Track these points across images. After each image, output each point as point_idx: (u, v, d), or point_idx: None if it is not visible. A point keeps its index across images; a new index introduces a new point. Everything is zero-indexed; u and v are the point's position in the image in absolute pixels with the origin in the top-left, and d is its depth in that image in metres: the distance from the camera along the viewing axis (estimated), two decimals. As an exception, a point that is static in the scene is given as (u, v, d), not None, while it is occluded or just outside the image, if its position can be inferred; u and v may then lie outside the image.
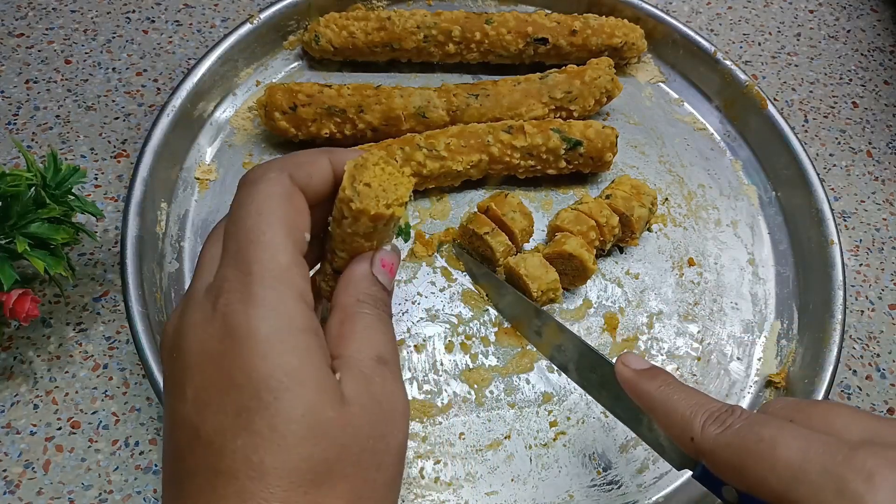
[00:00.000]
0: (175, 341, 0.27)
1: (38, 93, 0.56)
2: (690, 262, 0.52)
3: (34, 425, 0.43)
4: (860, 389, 0.50)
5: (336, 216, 0.30)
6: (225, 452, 0.25)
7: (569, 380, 0.46)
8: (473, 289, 0.49)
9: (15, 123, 0.54)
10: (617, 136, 0.51)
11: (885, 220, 0.58)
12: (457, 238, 0.50)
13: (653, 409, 0.33)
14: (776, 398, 0.35)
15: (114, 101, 0.56)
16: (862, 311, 0.53)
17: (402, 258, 0.49)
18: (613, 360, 0.37)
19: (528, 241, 0.49)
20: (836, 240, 0.51)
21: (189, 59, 0.59)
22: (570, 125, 0.51)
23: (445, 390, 0.45)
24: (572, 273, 0.48)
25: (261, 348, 0.25)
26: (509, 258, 0.47)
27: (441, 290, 0.49)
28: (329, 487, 0.25)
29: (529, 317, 0.46)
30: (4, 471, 0.42)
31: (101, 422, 0.43)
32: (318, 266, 0.33)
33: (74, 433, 0.43)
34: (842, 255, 0.50)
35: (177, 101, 0.50)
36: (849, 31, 0.69)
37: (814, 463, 0.26)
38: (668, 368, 0.48)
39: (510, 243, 0.48)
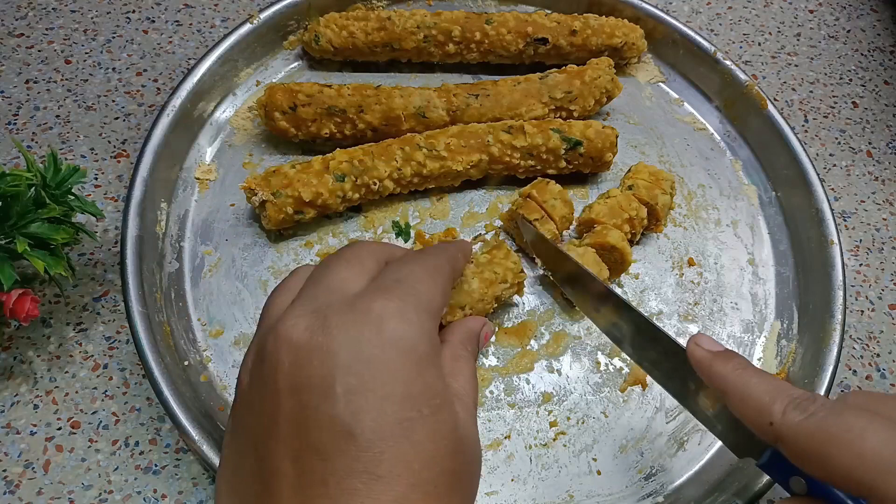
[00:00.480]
0: (323, 340, 0.27)
1: (38, 93, 0.56)
2: (690, 262, 0.52)
3: (34, 425, 0.43)
4: (860, 389, 0.50)
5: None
6: (384, 458, 0.26)
7: (569, 380, 0.46)
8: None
9: (15, 123, 0.54)
10: (617, 136, 0.51)
11: (885, 220, 0.58)
12: (503, 223, 0.51)
13: (727, 392, 0.33)
14: (854, 390, 0.34)
15: (114, 101, 0.56)
16: (862, 311, 0.53)
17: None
18: (675, 338, 0.37)
19: (567, 229, 0.49)
20: (836, 240, 0.51)
21: (189, 59, 0.59)
22: (570, 125, 0.51)
23: (445, 390, 0.45)
24: (609, 266, 0.48)
25: (421, 364, 0.28)
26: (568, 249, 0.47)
27: (441, 290, 0.49)
28: (454, 497, 0.28)
29: (590, 290, 0.43)
30: (4, 471, 0.42)
31: (101, 422, 0.43)
32: None
33: (74, 433, 0.43)
34: (842, 255, 0.50)
35: (177, 101, 0.50)
36: (849, 31, 0.69)
37: None
38: (668, 368, 0.48)
39: (556, 231, 0.48)
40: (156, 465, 0.42)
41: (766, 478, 0.42)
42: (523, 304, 0.49)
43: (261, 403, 0.28)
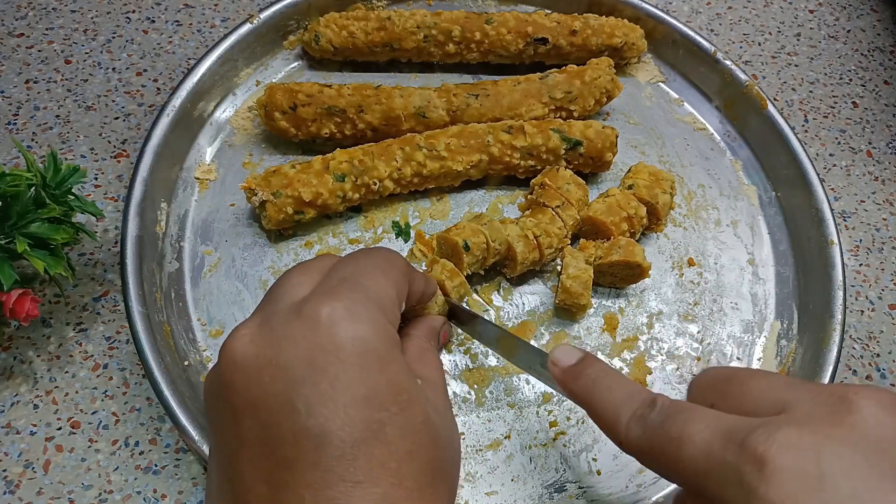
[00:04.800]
0: (271, 353, 0.27)
1: (38, 93, 0.56)
2: (690, 263, 0.52)
3: (34, 425, 0.43)
4: (713, 367, 0.50)
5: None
6: (358, 463, 0.25)
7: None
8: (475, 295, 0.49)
9: (15, 123, 0.54)
10: (617, 136, 0.51)
11: (885, 220, 0.58)
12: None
13: (587, 410, 0.32)
14: (704, 369, 0.32)
15: (114, 101, 0.56)
16: (862, 311, 0.53)
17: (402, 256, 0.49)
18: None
19: (582, 210, 0.49)
20: (836, 240, 0.51)
21: (189, 59, 0.59)
22: (570, 125, 0.51)
23: (445, 390, 0.45)
24: (626, 276, 0.48)
25: (381, 362, 0.27)
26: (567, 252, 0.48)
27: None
28: (438, 486, 0.27)
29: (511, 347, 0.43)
30: (4, 471, 0.42)
31: (101, 422, 0.43)
32: None
33: (74, 433, 0.43)
34: (842, 255, 0.50)
35: (177, 101, 0.50)
36: (849, 31, 0.69)
37: (716, 456, 0.24)
38: (668, 368, 0.48)
39: (577, 216, 0.49)
40: (156, 465, 0.42)
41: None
42: (523, 304, 0.49)
43: (223, 423, 0.27)
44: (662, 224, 0.52)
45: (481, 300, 0.49)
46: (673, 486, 0.44)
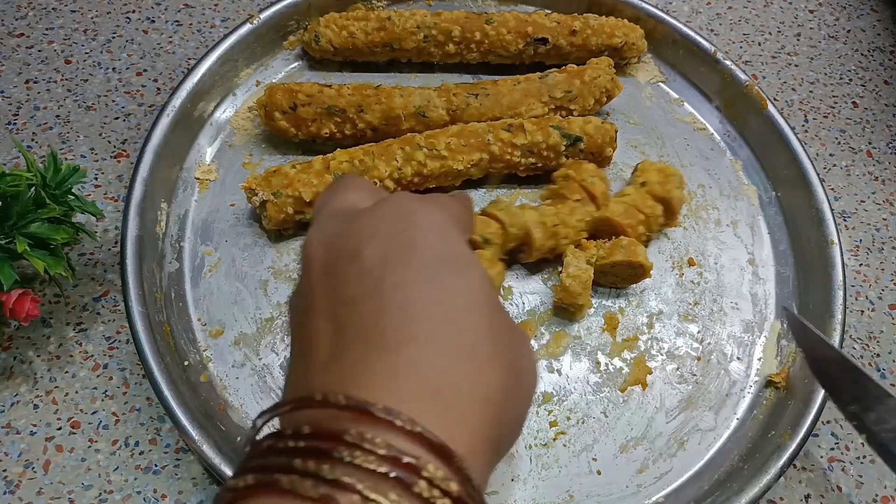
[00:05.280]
0: (342, 229, 0.28)
1: (38, 93, 0.56)
2: (690, 262, 0.52)
3: (34, 425, 0.43)
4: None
5: None
6: (413, 299, 0.25)
7: (569, 380, 0.46)
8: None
9: (15, 123, 0.54)
10: (616, 131, 0.51)
11: (885, 220, 0.58)
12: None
13: None
14: None
15: (114, 101, 0.56)
16: (862, 311, 0.53)
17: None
18: None
19: (606, 204, 0.49)
20: (836, 240, 0.51)
21: (189, 59, 0.59)
22: (569, 122, 0.51)
23: (445, 390, 0.45)
24: (627, 276, 0.49)
25: (450, 236, 0.28)
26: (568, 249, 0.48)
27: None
28: (489, 351, 0.26)
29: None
30: (4, 471, 0.42)
31: (101, 422, 0.43)
32: None
33: (74, 433, 0.43)
34: (842, 255, 0.50)
35: (177, 101, 0.50)
36: (849, 31, 0.69)
37: None
38: (668, 368, 0.48)
39: (596, 214, 0.49)
40: (156, 465, 0.42)
41: (766, 477, 0.42)
42: (523, 304, 0.49)
43: (302, 294, 0.28)
44: (677, 218, 0.52)
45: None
46: (672, 487, 0.44)
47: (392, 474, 0.20)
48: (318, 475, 0.20)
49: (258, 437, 0.24)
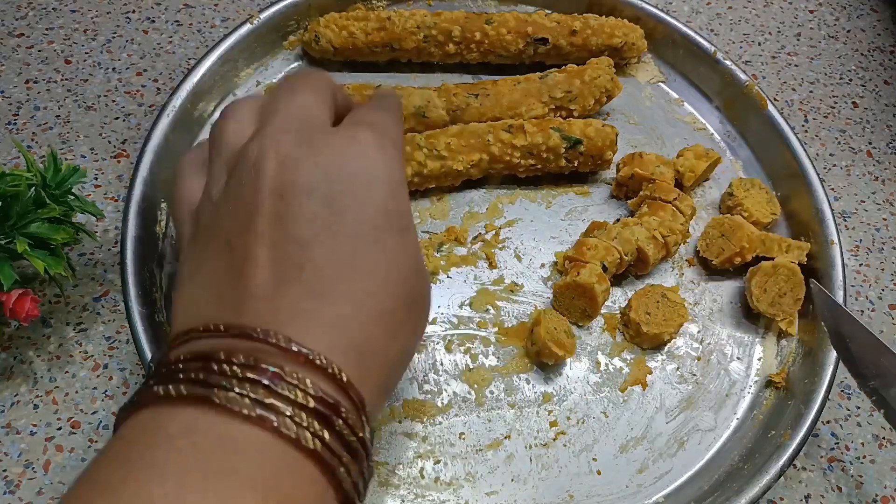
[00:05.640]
0: (301, 149, 0.29)
1: (38, 93, 0.56)
2: (690, 263, 0.52)
3: (34, 425, 0.43)
4: (860, 389, 0.50)
5: None
6: (359, 253, 0.28)
7: (569, 380, 0.46)
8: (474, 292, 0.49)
9: (15, 123, 0.54)
10: (617, 135, 0.51)
11: (885, 220, 0.58)
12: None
13: None
14: None
15: (114, 101, 0.56)
16: (862, 311, 0.53)
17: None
18: None
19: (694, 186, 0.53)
20: (836, 240, 0.51)
21: (189, 59, 0.59)
22: (569, 124, 0.51)
23: (445, 390, 0.45)
24: (584, 308, 0.48)
25: (395, 189, 0.30)
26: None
27: (442, 290, 0.49)
28: (408, 310, 0.30)
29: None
30: (4, 471, 0.42)
31: (101, 422, 0.43)
32: None
33: (74, 433, 0.43)
34: (842, 255, 0.50)
35: (177, 101, 0.50)
36: (849, 31, 0.69)
37: None
38: (668, 368, 0.48)
39: (693, 205, 0.51)
40: (156, 465, 0.42)
41: (766, 477, 0.42)
42: (522, 303, 0.49)
43: (236, 207, 0.28)
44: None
45: (484, 301, 0.49)
46: (672, 487, 0.44)
47: (319, 409, 0.24)
48: (255, 398, 0.23)
49: (179, 355, 0.25)
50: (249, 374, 0.23)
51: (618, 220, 0.50)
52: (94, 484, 0.22)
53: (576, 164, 0.52)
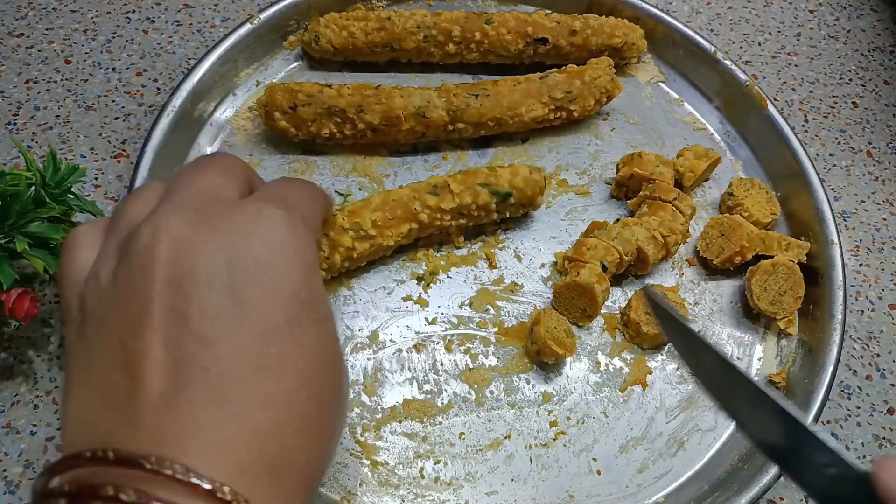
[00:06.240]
0: (198, 232, 0.26)
1: (38, 93, 0.56)
2: (690, 263, 0.52)
3: (34, 425, 0.43)
4: (860, 389, 0.50)
5: None
6: (272, 352, 0.25)
7: (569, 380, 0.46)
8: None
9: (15, 123, 0.54)
10: (545, 178, 0.49)
11: (885, 220, 0.58)
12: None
13: None
14: None
15: (114, 101, 0.56)
16: (862, 311, 0.53)
17: (406, 261, 0.49)
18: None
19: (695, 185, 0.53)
20: (836, 240, 0.51)
21: (189, 59, 0.59)
22: (497, 175, 0.48)
23: (445, 390, 0.45)
24: (584, 307, 0.48)
25: (308, 272, 0.28)
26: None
27: (442, 290, 0.49)
28: (332, 410, 0.28)
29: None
30: (4, 471, 0.41)
31: (100, 422, 0.43)
32: None
33: (74, 433, 0.43)
34: (842, 255, 0.50)
35: (177, 101, 0.50)
36: (849, 31, 0.69)
37: None
38: (668, 368, 0.48)
39: (693, 205, 0.51)
40: (155, 465, 0.42)
41: (766, 477, 0.42)
42: (521, 303, 0.49)
43: (128, 298, 0.25)
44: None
45: (484, 301, 0.49)
46: (672, 487, 0.44)
47: None
48: None
49: (63, 486, 0.22)
50: None
51: (618, 220, 0.50)
52: None
53: (507, 214, 0.50)
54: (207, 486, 0.22)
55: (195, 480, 0.22)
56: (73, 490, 0.22)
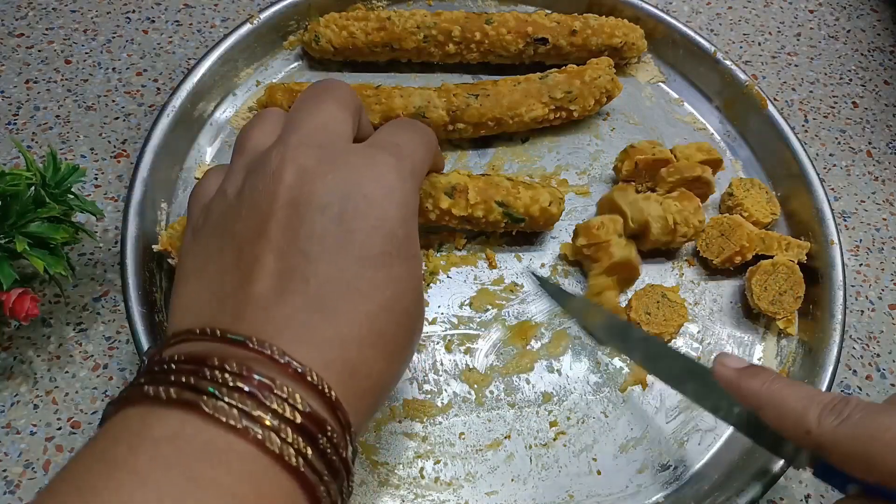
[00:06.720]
0: (321, 165, 0.29)
1: (38, 93, 0.56)
2: (690, 263, 0.52)
3: (34, 425, 0.43)
4: (860, 389, 0.50)
5: None
6: (365, 276, 0.28)
7: (569, 380, 0.46)
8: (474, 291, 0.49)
9: (15, 123, 0.54)
10: (561, 213, 0.48)
11: (885, 220, 0.58)
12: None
13: (760, 407, 0.33)
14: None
15: (114, 101, 0.56)
16: (862, 311, 0.53)
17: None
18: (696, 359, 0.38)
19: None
20: (836, 240, 0.51)
21: (189, 59, 0.59)
22: (517, 195, 0.46)
23: (445, 390, 0.45)
24: (626, 277, 0.49)
25: (407, 217, 0.30)
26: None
27: (442, 290, 0.49)
28: (405, 338, 0.30)
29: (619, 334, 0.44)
30: (4, 471, 0.42)
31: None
32: None
33: (74, 433, 0.43)
34: (842, 255, 0.50)
35: (177, 101, 0.50)
36: (849, 31, 0.69)
37: None
38: (669, 368, 0.48)
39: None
40: (156, 465, 0.42)
41: (766, 477, 0.42)
42: (524, 304, 0.49)
43: (251, 211, 0.28)
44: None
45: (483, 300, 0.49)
46: (672, 487, 0.44)
47: (305, 426, 0.24)
48: (243, 409, 0.23)
49: (173, 355, 0.25)
50: (240, 384, 0.23)
51: (640, 191, 0.51)
52: (74, 482, 0.22)
53: (513, 233, 0.50)
54: (299, 369, 0.25)
55: (290, 362, 0.25)
56: (182, 358, 0.25)
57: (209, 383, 0.23)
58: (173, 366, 0.24)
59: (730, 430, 0.46)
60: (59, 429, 0.43)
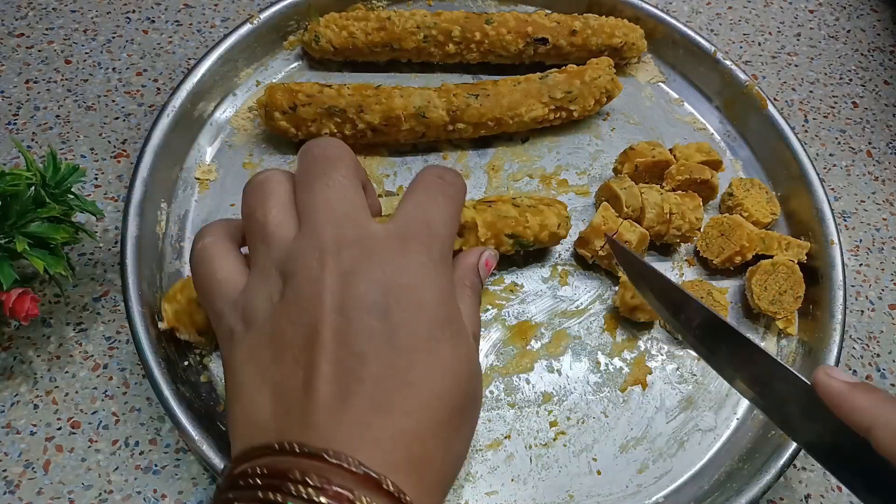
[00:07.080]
0: (360, 264, 0.30)
1: (38, 93, 0.56)
2: (690, 263, 0.52)
3: (34, 425, 0.43)
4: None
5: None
6: (414, 367, 0.29)
7: (569, 380, 0.46)
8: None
9: (15, 123, 0.54)
10: (568, 231, 0.48)
11: (885, 220, 0.58)
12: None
13: (871, 427, 0.30)
14: None
15: (114, 101, 0.56)
16: (862, 311, 0.53)
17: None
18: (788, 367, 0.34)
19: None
20: (836, 240, 0.51)
21: (189, 59, 0.59)
22: (526, 225, 0.46)
23: (445, 390, 0.45)
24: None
25: (444, 296, 0.31)
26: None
27: (441, 290, 0.49)
28: (462, 416, 0.31)
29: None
30: (4, 471, 0.42)
31: (101, 422, 0.43)
32: None
33: (74, 433, 0.43)
34: (842, 255, 0.50)
35: (177, 101, 0.50)
36: (849, 31, 0.69)
37: None
38: (668, 368, 0.48)
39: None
40: (156, 465, 0.42)
41: (766, 477, 0.42)
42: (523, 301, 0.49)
43: (300, 316, 0.29)
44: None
45: (483, 300, 0.49)
46: (672, 487, 0.44)
47: None
48: None
49: (256, 468, 0.26)
50: (322, 499, 0.24)
51: (648, 184, 0.51)
52: None
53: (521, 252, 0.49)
54: (376, 478, 0.26)
55: (366, 472, 0.26)
56: (265, 472, 0.26)
57: (293, 498, 0.24)
58: (258, 480, 0.26)
59: (730, 430, 0.46)
60: (59, 429, 0.43)
